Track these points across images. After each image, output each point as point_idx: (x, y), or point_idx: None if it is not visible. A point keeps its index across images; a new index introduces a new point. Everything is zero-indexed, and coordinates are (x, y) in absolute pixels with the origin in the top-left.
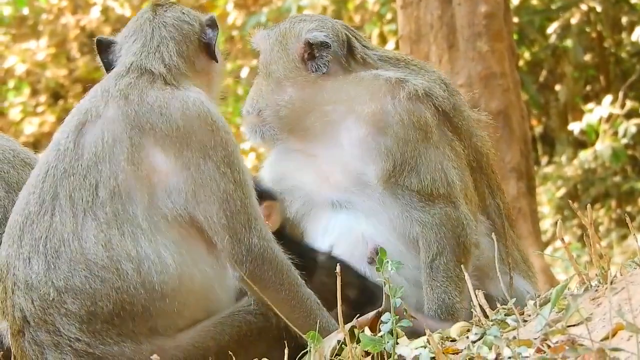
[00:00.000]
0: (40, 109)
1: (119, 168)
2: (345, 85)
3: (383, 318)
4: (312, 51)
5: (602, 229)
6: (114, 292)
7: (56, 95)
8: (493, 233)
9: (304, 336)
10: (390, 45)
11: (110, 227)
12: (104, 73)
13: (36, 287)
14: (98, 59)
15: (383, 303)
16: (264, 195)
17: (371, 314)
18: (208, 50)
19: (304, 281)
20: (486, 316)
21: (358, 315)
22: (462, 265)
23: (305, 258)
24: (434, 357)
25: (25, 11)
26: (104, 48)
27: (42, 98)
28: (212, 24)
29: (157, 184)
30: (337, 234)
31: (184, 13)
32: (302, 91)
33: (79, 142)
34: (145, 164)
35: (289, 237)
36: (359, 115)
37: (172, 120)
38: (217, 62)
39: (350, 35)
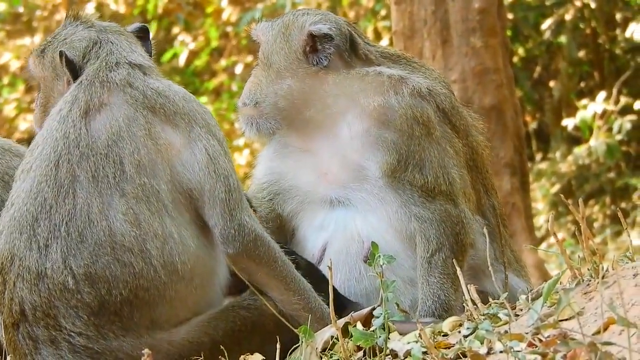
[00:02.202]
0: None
1: (140, 143)
2: (347, 80)
3: (375, 312)
4: (315, 44)
5: (596, 225)
6: (132, 278)
7: None
8: (486, 230)
9: (298, 331)
10: (384, 41)
11: (139, 202)
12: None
13: (50, 276)
14: (61, 72)
15: (379, 300)
16: None
17: (365, 310)
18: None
19: None
20: (478, 311)
21: (352, 311)
22: (457, 263)
23: None
24: (425, 352)
25: (20, 8)
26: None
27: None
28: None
29: (174, 157)
30: (331, 231)
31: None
32: (302, 83)
33: (90, 127)
34: (162, 138)
35: None
36: (362, 109)
37: (176, 101)
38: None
39: (352, 31)
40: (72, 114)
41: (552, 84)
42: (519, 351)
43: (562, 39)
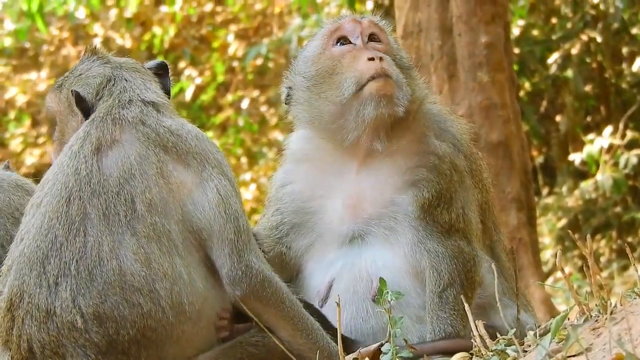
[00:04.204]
0: (41, 140)
1: (151, 181)
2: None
3: (383, 349)
4: None
5: (603, 259)
6: (140, 318)
7: None
8: (494, 266)
9: None
10: None
11: (150, 242)
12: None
13: (59, 315)
14: (75, 108)
15: (387, 336)
16: None
17: (374, 346)
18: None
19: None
20: (486, 347)
21: (360, 346)
22: (466, 299)
23: None
24: None
25: (26, 43)
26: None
27: (43, 129)
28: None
29: (186, 196)
30: (339, 268)
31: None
32: None
33: (102, 164)
34: (173, 177)
35: None
36: (406, 148)
37: (189, 140)
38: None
39: None
40: (84, 150)
41: (558, 118)
42: None
43: (569, 73)
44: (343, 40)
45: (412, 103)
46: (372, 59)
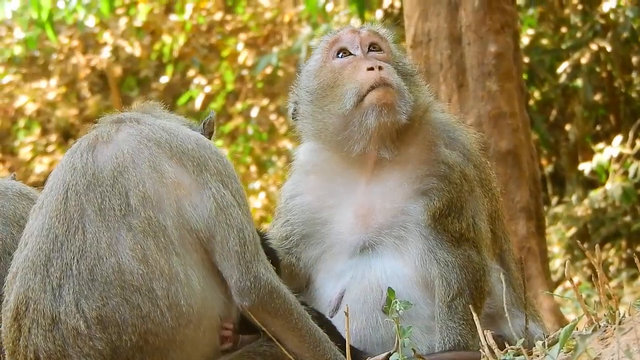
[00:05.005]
0: (50, 148)
1: (145, 174)
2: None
3: (391, 358)
4: None
5: (612, 269)
6: (140, 321)
7: (66, 134)
8: (502, 275)
9: None
10: None
11: (146, 237)
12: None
13: (64, 321)
14: None
15: (394, 345)
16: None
17: (382, 356)
18: None
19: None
20: (495, 357)
21: (368, 357)
22: (475, 309)
23: None
24: None
25: (36, 51)
26: None
27: (53, 137)
28: None
29: (183, 197)
30: (349, 279)
31: None
32: None
33: (96, 157)
34: (168, 172)
35: None
36: (417, 158)
37: (185, 142)
38: None
39: None
40: (81, 147)
41: (567, 127)
42: None
43: (578, 82)
44: (343, 52)
45: (415, 110)
46: (371, 68)
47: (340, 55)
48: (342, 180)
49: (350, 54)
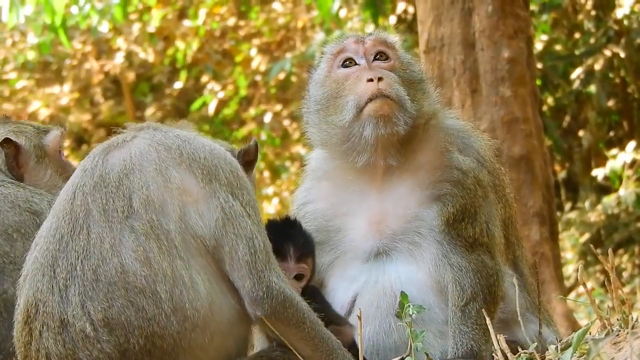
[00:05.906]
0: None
1: (150, 177)
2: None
3: None
4: None
5: (625, 274)
6: (146, 324)
7: (80, 139)
8: (516, 280)
9: None
10: None
11: (149, 240)
12: (128, 117)
13: (72, 324)
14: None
15: (407, 349)
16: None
17: None
18: None
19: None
20: None
21: None
22: (488, 314)
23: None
24: None
25: (49, 57)
26: None
27: (66, 142)
28: None
29: (188, 203)
30: (362, 283)
31: None
32: None
33: (106, 160)
34: (174, 178)
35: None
36: (428, 163)
37: (198, 150)
38: None
39: None
40: (95, 151)
41: (581, 133)
42: None
43: (592, 88)
44: (349, 61)
45: (419, 118)
46: (371, 80)
47: (345, 64)
48: (353, 188)
49: (356, 63)
